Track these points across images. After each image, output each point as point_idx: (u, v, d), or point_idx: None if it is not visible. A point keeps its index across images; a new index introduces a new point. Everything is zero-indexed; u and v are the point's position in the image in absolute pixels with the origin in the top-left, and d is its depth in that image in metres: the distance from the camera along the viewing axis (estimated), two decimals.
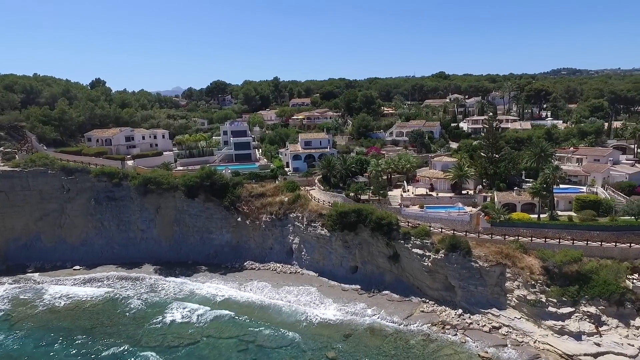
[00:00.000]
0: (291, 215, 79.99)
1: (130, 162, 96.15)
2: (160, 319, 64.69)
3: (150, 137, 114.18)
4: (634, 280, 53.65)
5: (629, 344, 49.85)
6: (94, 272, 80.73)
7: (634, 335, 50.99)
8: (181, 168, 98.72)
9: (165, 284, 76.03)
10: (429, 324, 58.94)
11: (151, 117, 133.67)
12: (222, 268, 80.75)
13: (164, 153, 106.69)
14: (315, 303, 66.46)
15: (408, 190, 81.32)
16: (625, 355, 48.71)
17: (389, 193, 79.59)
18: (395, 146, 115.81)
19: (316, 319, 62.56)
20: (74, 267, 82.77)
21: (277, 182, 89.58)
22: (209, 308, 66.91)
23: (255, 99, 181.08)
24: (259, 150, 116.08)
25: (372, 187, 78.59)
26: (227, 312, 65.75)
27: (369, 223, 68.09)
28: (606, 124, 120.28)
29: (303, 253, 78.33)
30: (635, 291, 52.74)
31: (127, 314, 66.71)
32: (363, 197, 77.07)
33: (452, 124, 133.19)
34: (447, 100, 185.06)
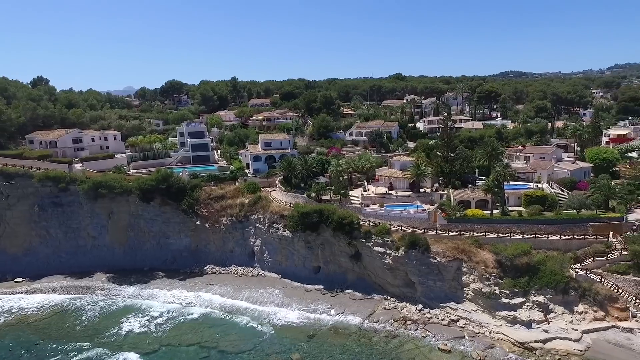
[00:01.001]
0: (252, 217, 78.81)
1: (78, 166, 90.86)
2: (116, 330, 61.51)
3: (100, 138, 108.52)
4: (577, 270, 57.60)
5: (573, 329, 53.38)
6: (39, 283, 75.42)
7: (577, 320, 54.69)
8: (135, 171, 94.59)
9: (119, 292, 72.43)
10: (391, 321, 60.08)
11: (101, 118, 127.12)
12: (181, 273, 78.13)
13: (116, 155, 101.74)
14: (278, 305, 65.85)
15: (368, 190, 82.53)
16: (570, 340, 52.07)
17: (350, 193, 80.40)
18: (355, 146, 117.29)
19: (280, 321, 62.01)
20: (15, 280, 76.88)
21: (237, 183, 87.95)
22: (168, 315, 64.52)
23: (213, 100, 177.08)
24: (217, 152, 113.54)
25: (333, 187, 79.04)
26: (187, 318, 63.73)
27: (330, 223, 68.41)
28: (550, 124, 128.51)
29: (265, 255, 77.39)
30: (578, 279, 56.59)
31: (78, 327, 62.86)
32: (324, 197, 77.33)
33: (410, 124, 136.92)
34: (404, 101, 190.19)
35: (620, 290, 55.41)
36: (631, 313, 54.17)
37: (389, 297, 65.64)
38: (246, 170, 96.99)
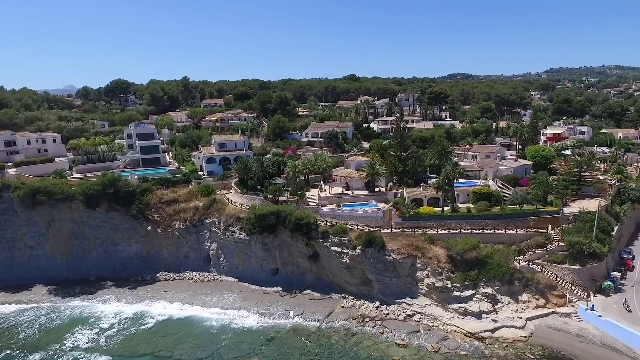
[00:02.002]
0: (207, 221, 76.70)
1: (12, 171, 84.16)
2: (59, 346, 57.48)
3: (38, 141, 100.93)
4: (520, 261, 61.37)
5: (518, 317, 56.83)
6: None
7: (522, 309, 58.30)
8: (78, 175, 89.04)
9: (63, 305, 67.85)
10: (350, 319, 60.84)
11: (38, 119, 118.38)
12: (132, 282, 74.55)
13: (56, 159, 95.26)
14: (236, 309, 64.60)
15: (325, 190, 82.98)
16: (516, 327, 55.39)
17: (307, 193, 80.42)
18: (311, 147, 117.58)
19: (237, 325, 60.86)
20: None
21: (190, 186, 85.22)
22: (118, 327, 61.27)
23: (163, 100, 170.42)
24: (169, 154, 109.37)
25: (290, 188, 78.72)
26: (140, 328, 60.87)
27: (288, 224, 68.09)
28: (494, 124, 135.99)
29: (221, 259, 75.62)
30: (522, 270, 60.33)
31: (14, 345, 58.09)
32: (281, 198, 76.84)
33: (364, 125, 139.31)
34: (359, 101, 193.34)
35: (558, 279, 59.79)
36: (568, 299, 58.67)
37: (347, 296, 66.40)
38: (200, 173, 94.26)
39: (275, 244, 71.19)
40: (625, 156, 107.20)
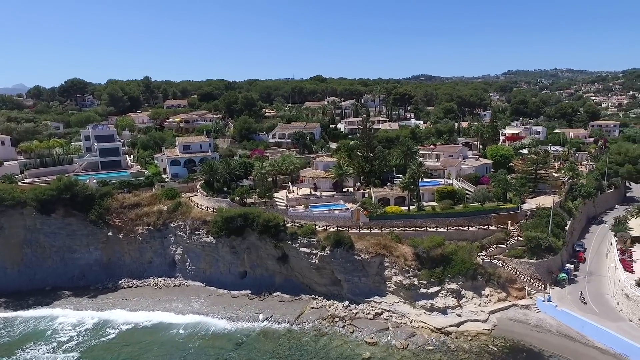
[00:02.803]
0: (172, 225, 74.55)
1: None
2: None
3: None
4: (483, 257, 63.66)
5: (481, 311, 58.89)
6: None
7: (485, 303, 60.45)
8: (30, 180, 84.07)
9: (15, 318, 63.77)
10: (320, 319, 60.88)
11: None
12: (92, 290, 71.27)
13: (5, 163, 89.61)
14: (203, 315, 63.11)
15: (293, 191, 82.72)
16: (479, 321, 57.38)
17: (275, 195, 79.88)
18: (279, 148, 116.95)
19: (205, 331, 59.46)
20: None
21: (153, 190, 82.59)
22: (78, 339, 58.31)
23: (123, 100, 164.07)
24: (130, 157, 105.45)
25: (257, 190, 77.91)
26: (101, 339, 58.18)
27: (256, 226, 67.35)
28: (456, 124, 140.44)
29: (187, 264, 73.71)
30: (484, 265, 62.59)
31: None
32: (249, 200, 75.89)
33: (331, 125, 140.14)
34: (325, 102, 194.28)
35: (518, 272, 62.48)
36: (527, 292, 61.44)
37: (316, 297, 66.45)
38: (163, 176, 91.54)
39: (243, 247, 70.21)
40: (576, 155, 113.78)
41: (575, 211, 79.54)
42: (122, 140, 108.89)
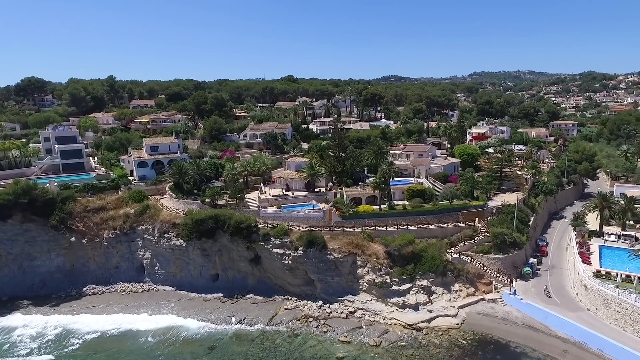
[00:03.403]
0: (140, 228, 72.38)
1: None
2: None
3: None
4: (452, 253, 65.34)
5: (451, 306, 60.41)
6: None
7: (454, 298, 62.09)
8: None
9: None
10: (293, 320, 60.70)
11: None
12: (54, 299, 68.10)
13: None
14: (174, 320, 61.56)
15: (265, 192, 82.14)
16: (449, 316, 58.84)
17: (247, 196, 79.07)
18: (250, 148, 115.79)
19: (176, 336, 58.02)
20: None
21: (120, 192, 79.95)
22: (39, 351, 55.54)
23: (86, 100, 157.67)
24: (94, 159, 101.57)
25: (228, 191, 76.85)
26: (64, 351, 55.68)
27: (227, 228, 66.44)
28: (425, 124, 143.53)
29: (156, 268, 71.74)
30: (453, 262, 64.27)
31: None
32: (220, 202, 74.74)
33: (303, 126, 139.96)
34: (297, 102, 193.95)
35: (485, 268, 64.53)
36: (494, 286, 63.54)
37: (290, 297, 66.21)
38: (130, 178, 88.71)
39: (215, 249, 69.07)
40: (538, 153, 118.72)
41: (537, 207, 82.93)
42: (85, 142, 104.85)
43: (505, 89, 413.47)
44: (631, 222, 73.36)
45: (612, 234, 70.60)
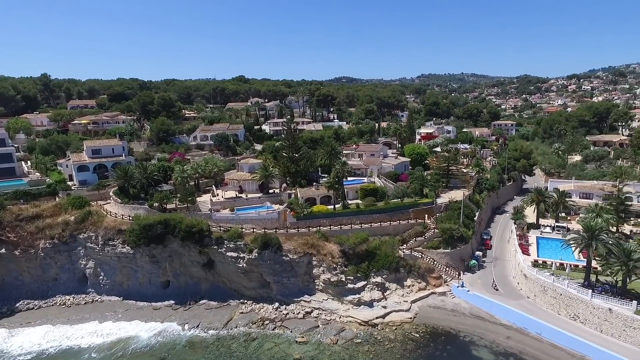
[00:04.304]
0: (81, 236, 67.94)
1: None
2: None
3: None
4: (404, 250, 67.33)
5: (404, 301, 62.23)
6: None
7: (407, 293, 64.01)
8: None
9: None
10: (249, 324, 59.73)
11: None
12: None
13: None
14: (122, 331, 58.35)
15: (218, 195, 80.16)
16: (403, 310, 60.58)
17: (198, 199, 76.78)
18: (201, 150, 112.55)
19: (124, 350, 54.95)
20: None
21: (57, 199, 74.63)
22: None
23: (16, 100, 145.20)
24: (27, 163, 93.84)
25: (179, 195, 74.15)
26: None
27: (178, 233, 64.13)
28: (376, 125, 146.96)
29: (101, 277, 67.66)
30: (405, 258, 66.25)
31: None
32: (169, 206, 71.95)
33: (255, 127, 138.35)
34: (249, 103, 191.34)
35: (435, 262, 67.10)
36: (443, 279, 66.26)
37: (245, 301, 65.07)
38: (69, 183, 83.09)
39: (165, 255, 66.36)
40: (482, 151, 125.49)
41: (482, 203, 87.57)
42: (15, 145, 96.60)
43: (450, 90, 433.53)
44: (563, 214, 79.53)
45: (547, 225, 76.13)
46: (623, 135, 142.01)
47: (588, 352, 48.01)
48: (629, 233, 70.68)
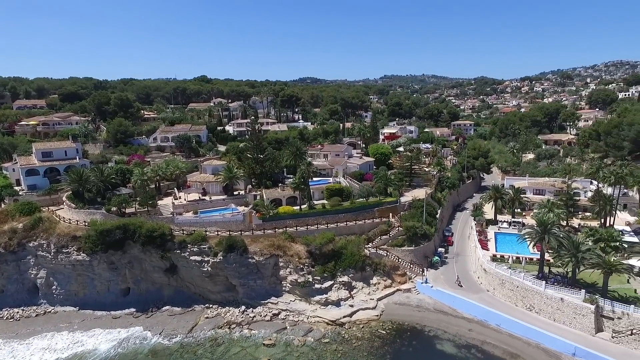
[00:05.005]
0: (31, 245, 64.00)
1: None
2: None
3: None
4: (369, 248, 68.21)
5: (370, 299, 63.05)
6: None
7: (373, 291, 64.89)
8: None
9: None
10: (215, 328, 58.46)
11: None
12: None
13: None
14: (78, 345, 55.34)
15: (180, 197, 77.90)
16: (369, 308, 61.36)
17: (159, 202, 74.26)
18: (162, 152, 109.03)
19: None
20: None
21: (3, 205, 69.83)
22: None
23: None
24: None
25: (138, 198, 71.39)
26: None
27: (138, 238, 61.82)
28: (341, 125, 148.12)
29: (54, 287, 63.98)
30: (371, 256, 67.12)
31: None
32: (129, 210, 69.14)
33: (219, 128, 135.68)
34: (212, 104, 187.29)
35: (400, 260, 68.45)
36: (408, 276, 67.71)
37: (211, 305, 63.66)
38: (17, 188, 78.08)
39: (125, 261, 63.75)
40: (442, 151, 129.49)
41: (443, 201, 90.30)
42: None
43: (412, 91, 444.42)
44: (519, 210, 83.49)
45: (504, 221, 79.65)
46: (571, 134, 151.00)
47: (542, 339, 50.69)
48: (577, 226, 75.20)
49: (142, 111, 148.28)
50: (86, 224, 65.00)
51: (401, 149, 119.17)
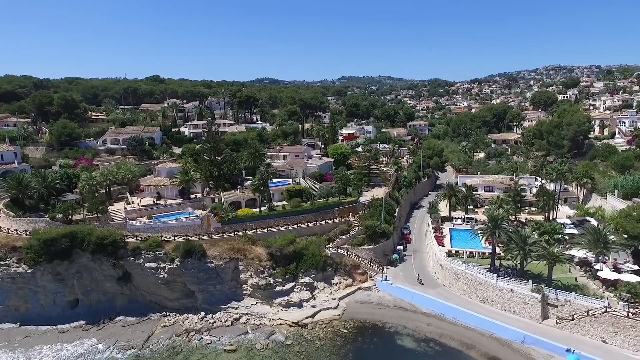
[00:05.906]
0: None
1: None
2: None
3: None
4: (330, 248, 68.58)
5: (332, 299, 63.37)
6: None
7: (335, 291, 65.29)
8: None
9: None
10: (173, 337, 56.51)
11: None
12: None
13: None
14: None
15: (133, 202, 74.51)
16: (331, 308, 61.65)
17: (110, 208, 70.76)
18: (112, 155, 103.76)
19: None
20: None
21: None
22: None
23: None
24: None
25: (87, 204, 67.47)
26: None
27: (87, 246, 58.63)
28: (300, 126, 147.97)
29: None
30: (332, 256, 67.50)
31: None
32: (76, 217, 65.30)
33: (173, 129, 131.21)
34: (165, 105, 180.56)
35: (360, 259, 69.35)
36: (369, 275, 68.74)
37: (168, 313, 61.41)
38: None
39: (72, 271, 60.11)
40: (399, 150, 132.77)
41: (401, 199, 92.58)
42: None
43: (369, 92, 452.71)
44: (471, 206, 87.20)
45: (458, 218, 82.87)
46: (517, 133, 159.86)
47: (495, 329, 53.21)
48: (524, 221, 79.68)
49: (89, 112, 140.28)
50: (27, 233, 60.58)
51: (360, 149, 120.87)
